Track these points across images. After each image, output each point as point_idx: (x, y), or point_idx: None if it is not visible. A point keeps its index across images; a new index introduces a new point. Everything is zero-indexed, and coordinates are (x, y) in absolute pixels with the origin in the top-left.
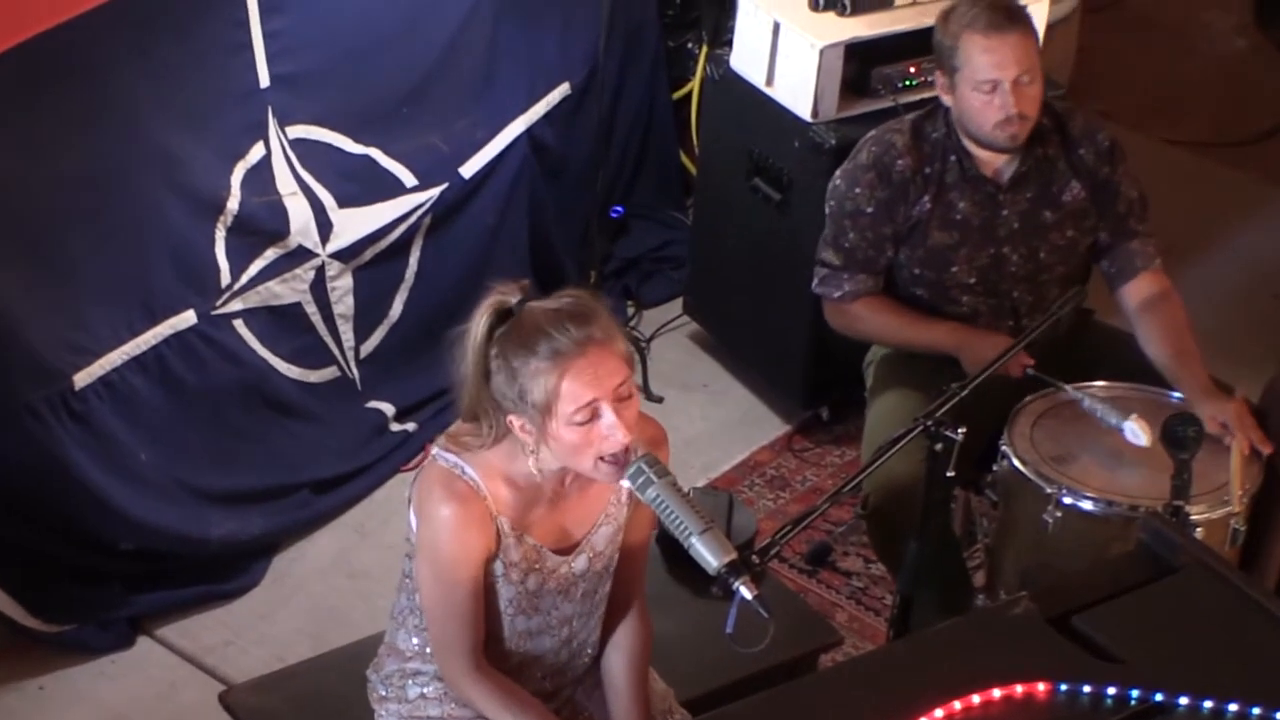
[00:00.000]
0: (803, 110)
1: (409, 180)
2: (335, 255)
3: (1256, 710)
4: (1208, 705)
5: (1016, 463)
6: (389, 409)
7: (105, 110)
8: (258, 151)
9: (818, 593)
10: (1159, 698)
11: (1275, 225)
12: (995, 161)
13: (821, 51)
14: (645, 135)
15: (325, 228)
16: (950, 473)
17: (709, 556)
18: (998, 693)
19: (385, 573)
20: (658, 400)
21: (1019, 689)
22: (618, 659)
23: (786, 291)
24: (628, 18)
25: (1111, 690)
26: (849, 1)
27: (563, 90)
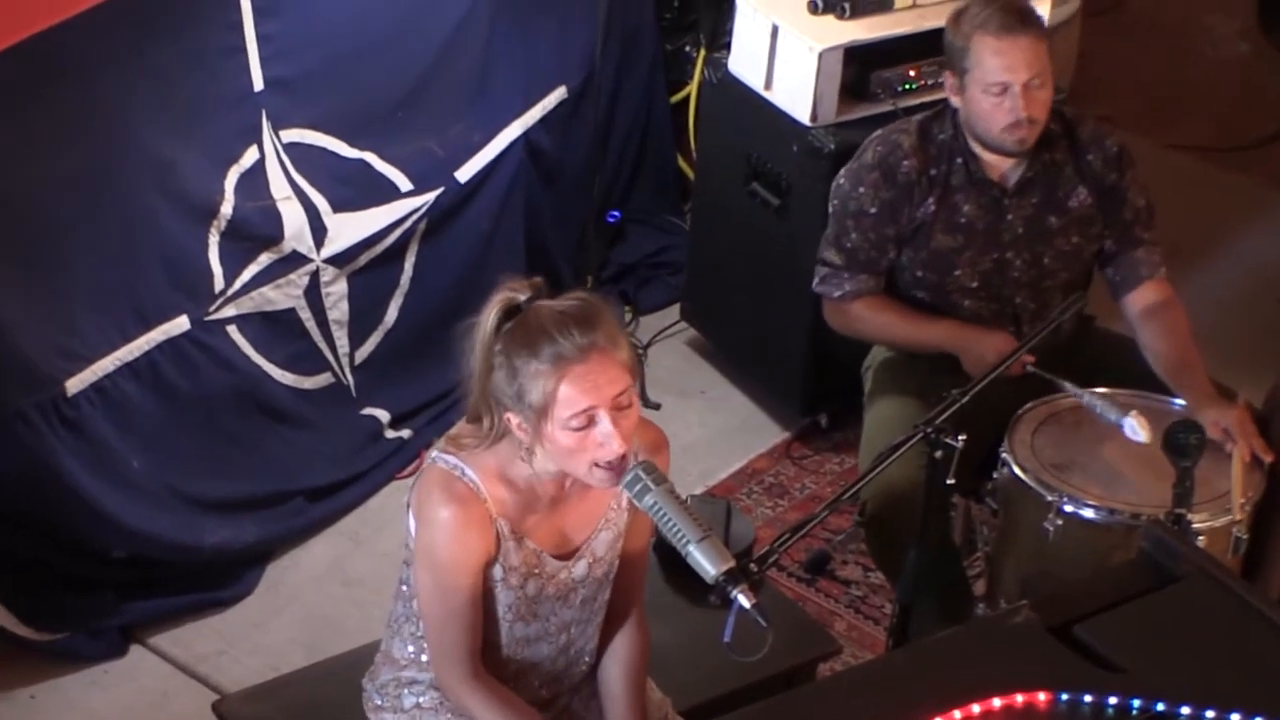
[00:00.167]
0: (801, 114)
1: (404, 185)
2: (330, 260)
3: None
4: (1210, 715)
5: (1017, 470)
6: (384, 415)
7: (98, 113)
8: (251, 155)
9: (816, 601)
10: (1161, 707)
11: (1278, 230)
12: (1002, 165)
13: (820, 55)
14: (642, 139)
15: (319, 232)
16: (950, 480)
17: (707, 565)
18: (998, 702)
19: (380, 581)
20: (655, 407)
21: (1019, 699)
22: (615, 667)
23: (785, 297)
24: (625, 20)
25: (1113, 700)
26: (848, 4)
27: (559, 94)
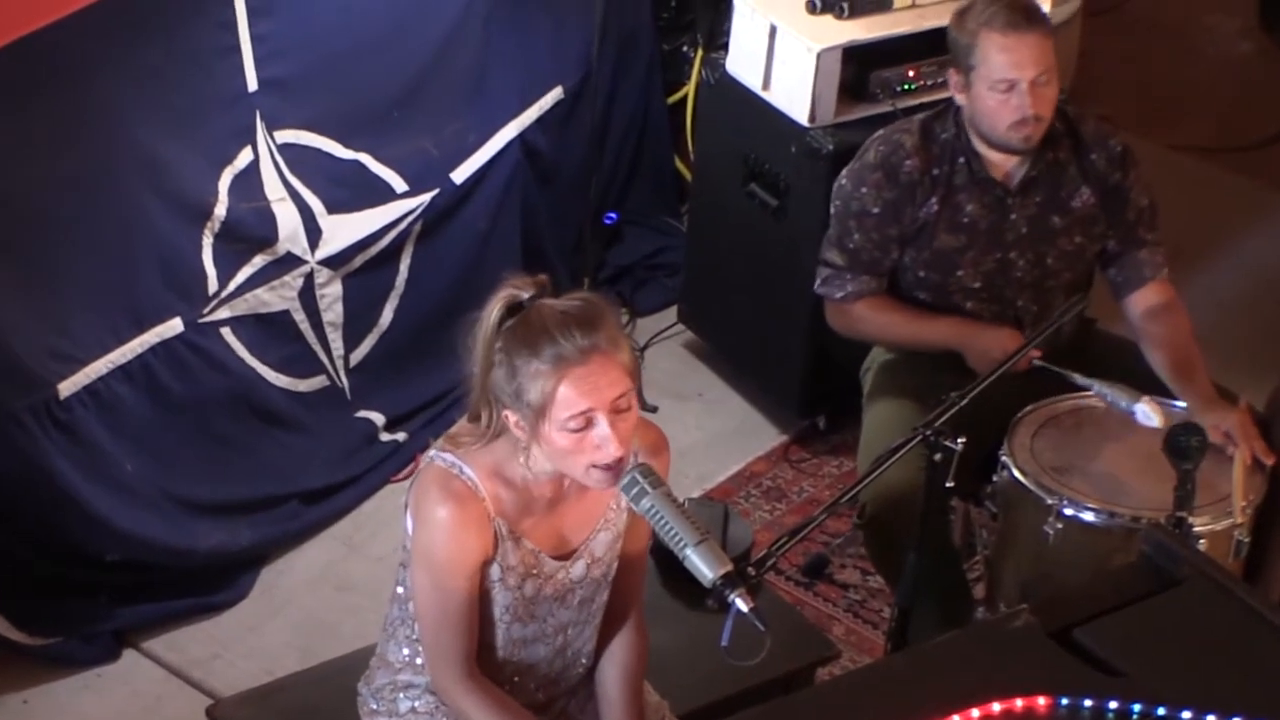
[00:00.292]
0: (800, 115)
1: (399, 186)
2: (324, 262)
3: None
4: None
5: (1016, 473)
6: (379, 418)
7: (91, 114)
8: (245, 157)
9: (814, 605)
10: (1161, 712)
11: None
12: (1005, 164)
13: (819, 55)
14: (639, 140)
15: (314, 234)
16: (949, 483)
17: (704, 568)
18: (997, 707)
19: (375, 585)
20: (652, 410)
21: (1019, 703)
22: (612, 670)
23: (783, 299)
24: (621, 21)
25: (1113, 704)
26: (847, 4)
27: (555, 94)
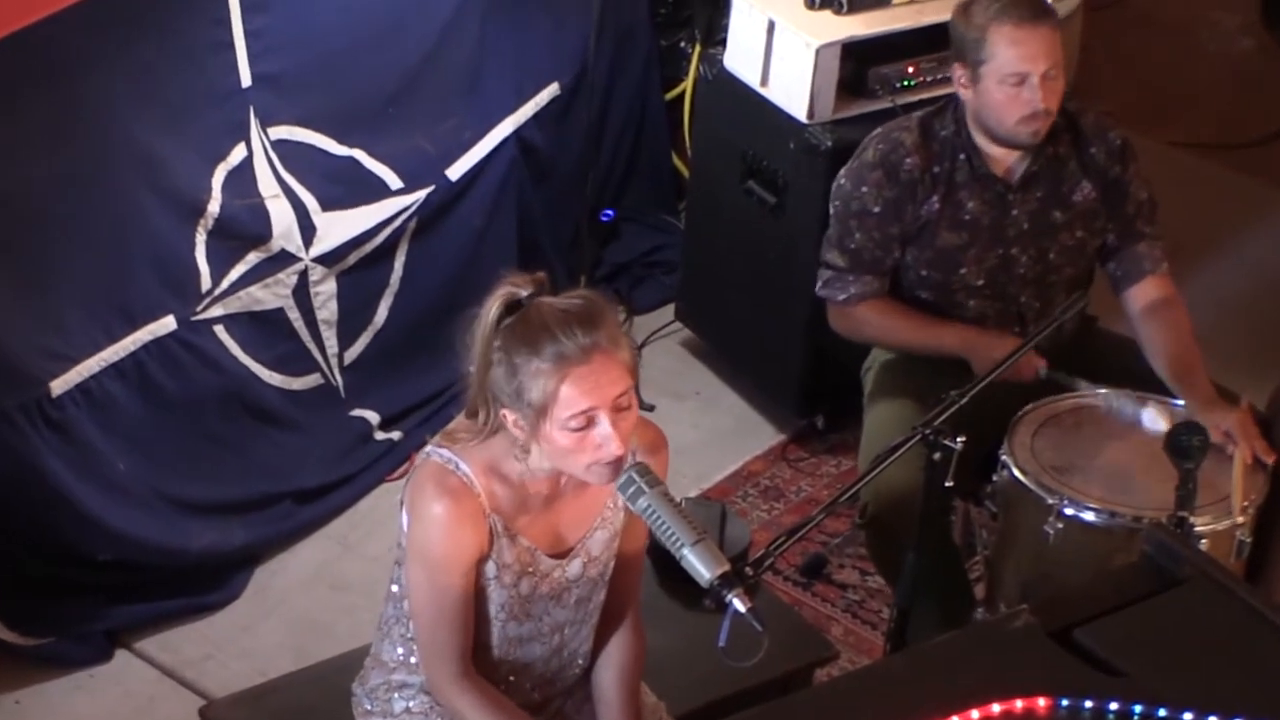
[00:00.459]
0: (798, 111)
1: (394, 182)
2: (318, 259)
3: None
4: None
5: (1017, 472)
6: (373, 417)
7: (83, 110)
8: (239, 153)
9: (813, 606)
10: (1163, 713)
11: None
12: (1006, 160)
13: (817, 51)
14: (636, 137)
15: (308, 231)
16: (949, 482)
17: (701, 568)
18: (997, 708)
19: (369, 585)
20: (649, 408)
21: (1019, 704)
22: (609, 671)
23: (781, 297)
24: (618, 16)
25: (1114, 705)
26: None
27: (552, 90)
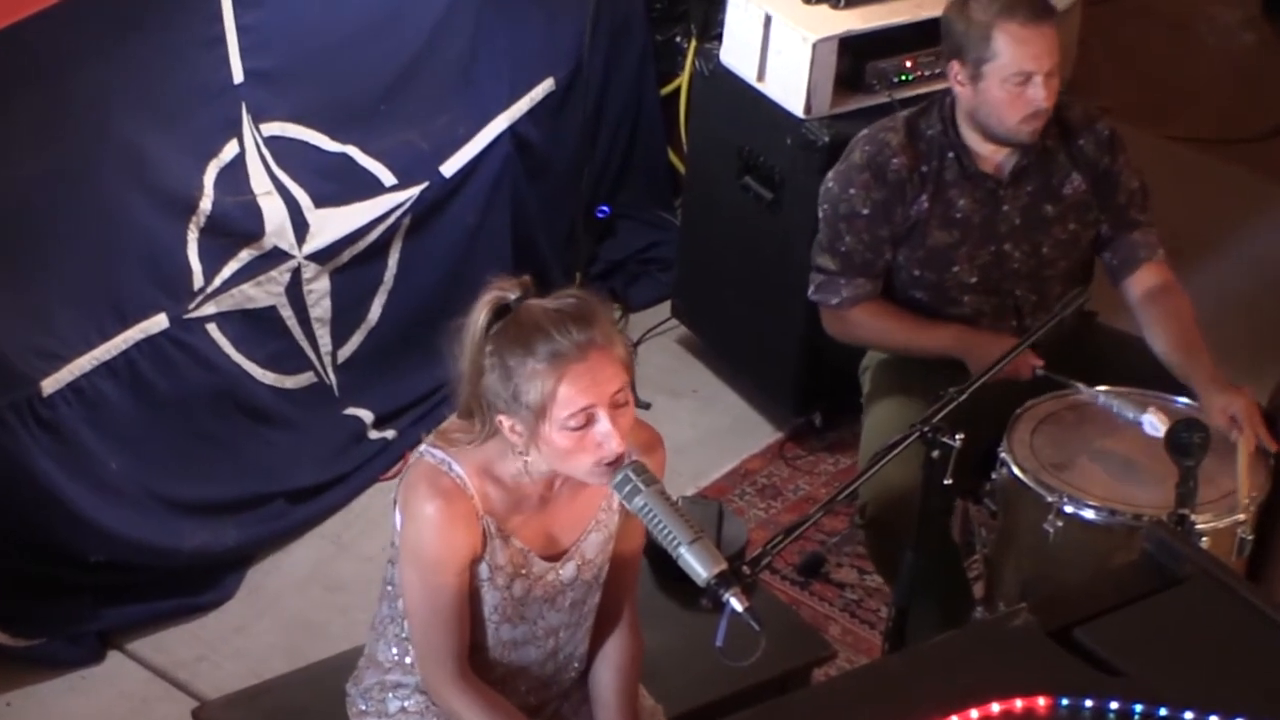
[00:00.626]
0: (795, 106)
1: (388, 179)
2: (311, 257)
3: None
4: None
5: (1016, 470)
6: (367, 416)
7: (73, 107)
8: (231, 149)
9: (810, 605)
10: (1163, 712)
11: None
12: (996, 156)
13: (814, 45)
14: (632, 132)
15: (301, 228)
16: (948, 480)
17: (698, 567)
18: (997, 707)
19: (363, 585)
20: (645, 406)
21: (1019, 703)
22: (606, 673)
23: (778, 294)
24: (614, 11)
25: (1114, 705)
26: None
27: (547, 86)
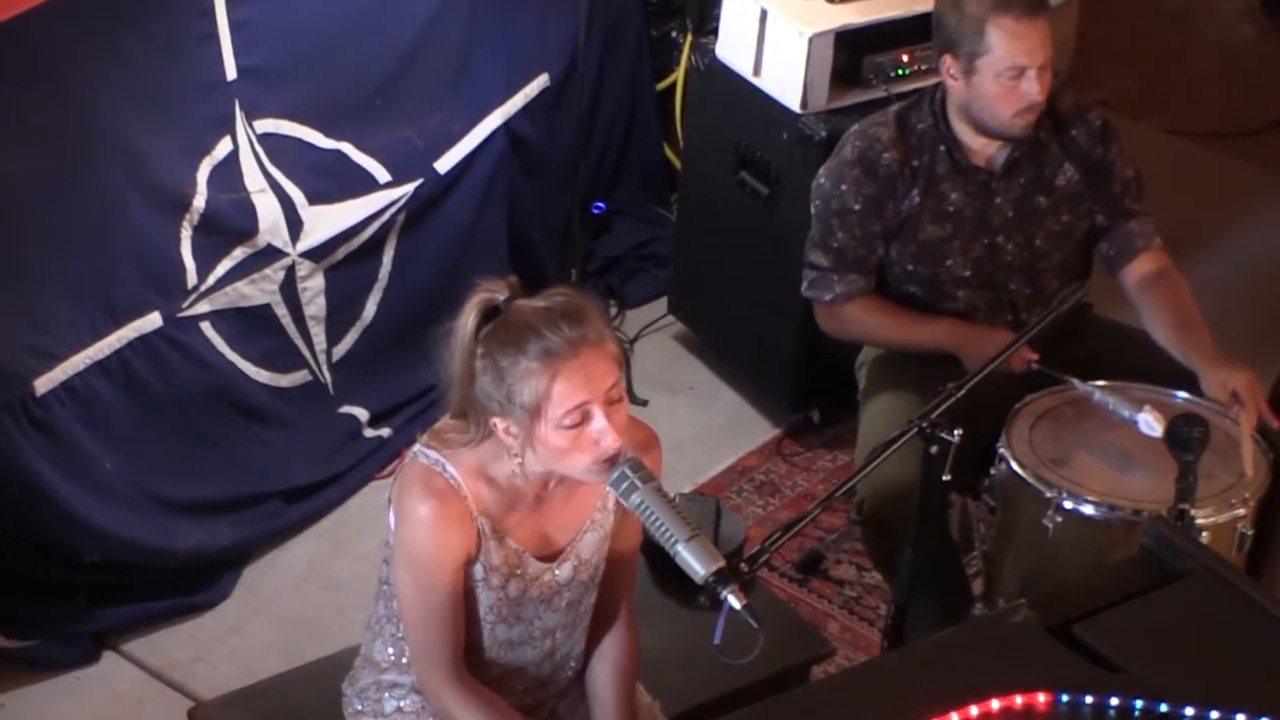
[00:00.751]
0: (791, 101)
1: (382, 176)
2: (306, 254)
3: None
4: (1214, 716)
5: (1015, 466)
6: (363, 414)
7: (65, 104)
8: (225, 147)
9: (809, 602)
10: (1163, 708)
11: None
12: (987, 149)
13: (810, 40)
14: (628, 128)
15: (295, 226)
16: (946, 476)
17: (696, 565)
18: (996, 704)
19: (360, 584)
20: (642, 403)
21: (1018, 700)
22: (603, 671)
23: (775, 290)
24: (609, 6)
25: (1114, 701)
26: None
27: (541, 82)
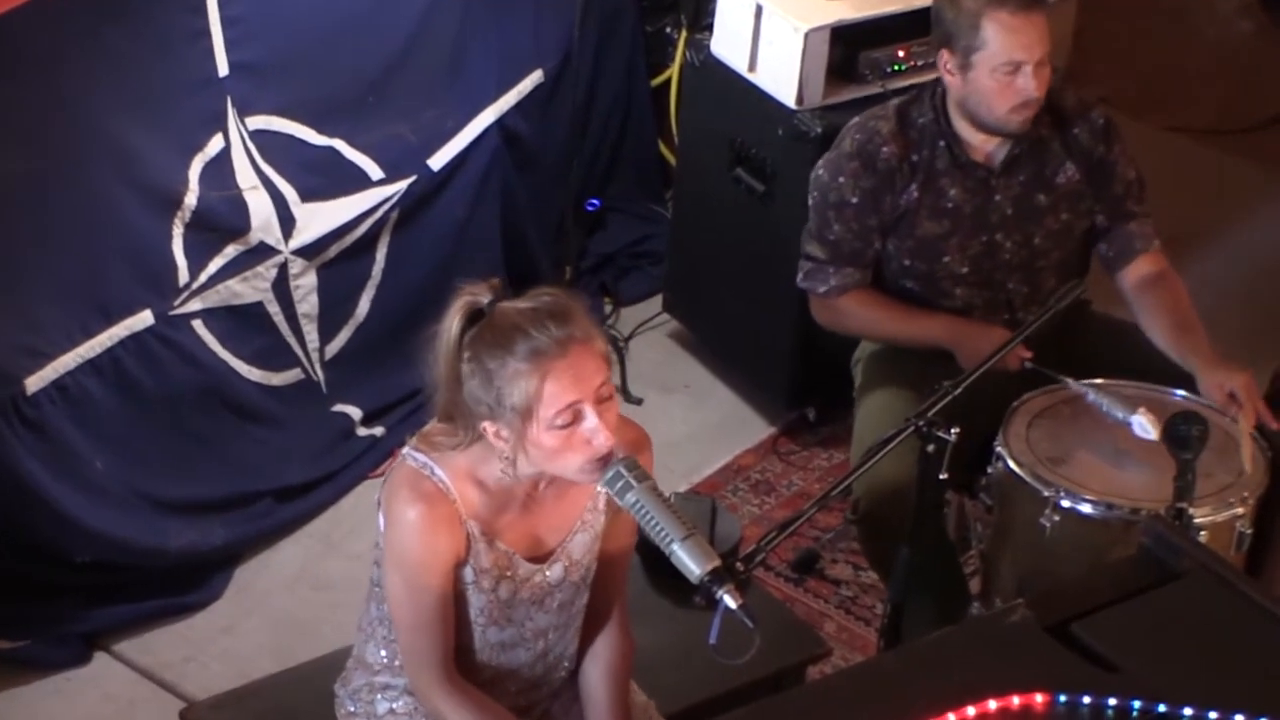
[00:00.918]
0: (787, 97)
1: (375, 173)
2: (298, 252)
3: None
4: (1213, 716)
5: (1012, 464)
6: (356, 412)
7: (56, 101)
8: (216, 143)
9: (805, 602)
10: (1162, 708)
11: None
12: (987, 145)
13: (806, 35)
14: (622, 124)
15: (288, 223)
16: (943, 475)
17: (691, 564)
18: (993, 704)
19: (352, 584)
20: (637, 402)
21: (1016, 700)
22: (597, 672)
23: (771, 287)
24: (603, 1)
25: (1112, 701)
26: None
27: (535, 78)
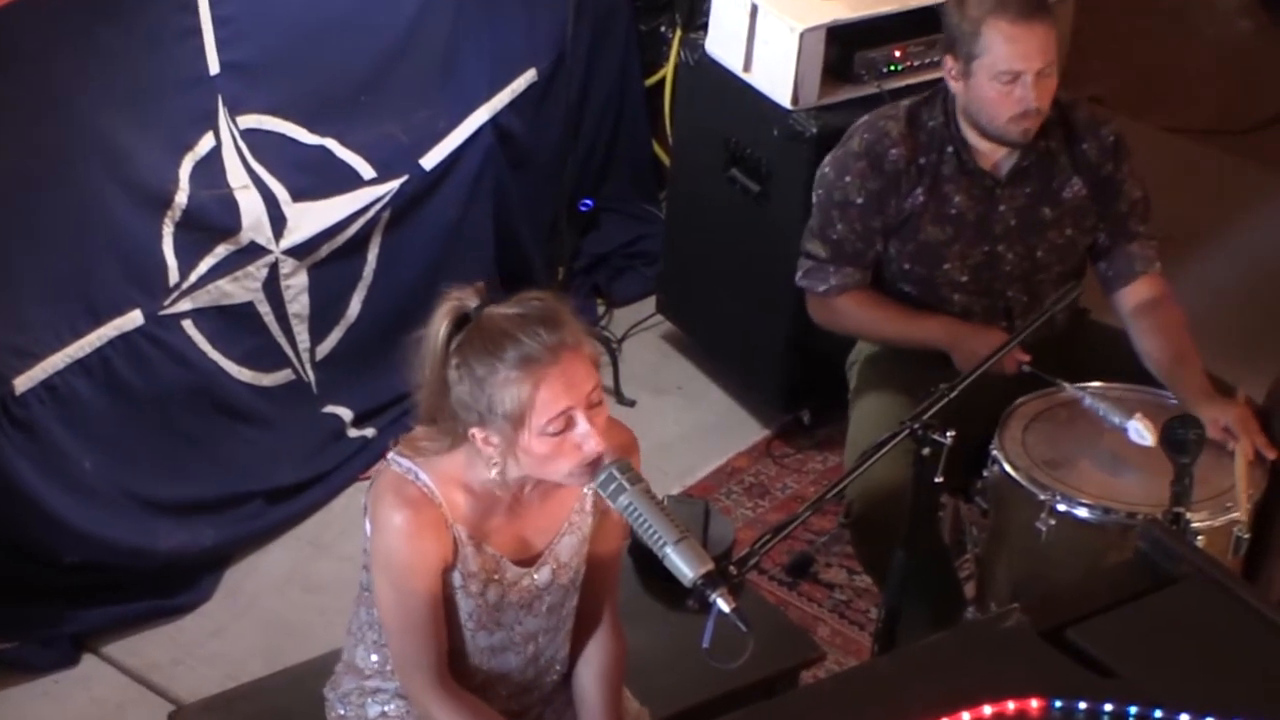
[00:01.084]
0: (782, 97)
1: (367, 172)
2: (289, 252)
3: None
4: None
5: (1008, 468)
6: (346, 414)
7: (45, 99)
8: (207, 142)
9: (799, 606)
10: (1158, 714)
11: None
12: (995, 154)
13: (802, 35)
14: (616, 124)
15: (279, 223)
16: (938, 478)
17: (684, 567)
18: (989, 709)
19: (343, 586)
20: (630, 404)
21: (1011, 705)
22: (589, 676)
23: (765, 288)
24: (597, 0)
25: (1108, 706)
26: None
27: (529, 77)
